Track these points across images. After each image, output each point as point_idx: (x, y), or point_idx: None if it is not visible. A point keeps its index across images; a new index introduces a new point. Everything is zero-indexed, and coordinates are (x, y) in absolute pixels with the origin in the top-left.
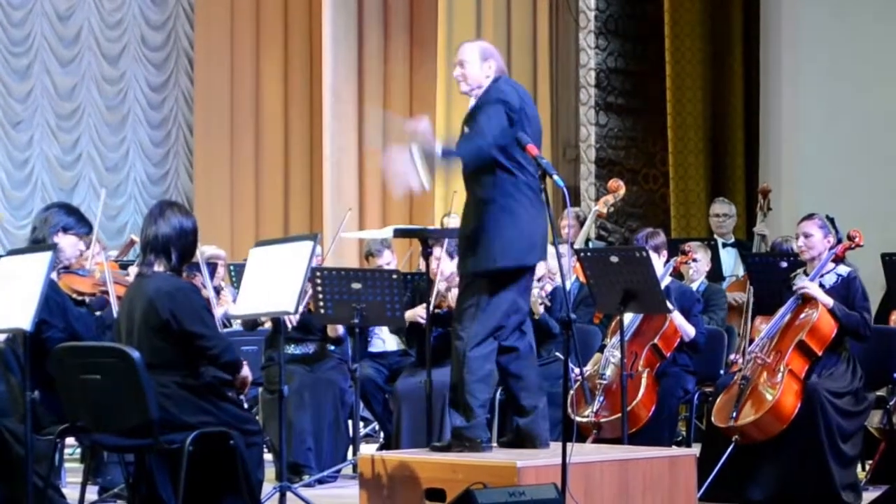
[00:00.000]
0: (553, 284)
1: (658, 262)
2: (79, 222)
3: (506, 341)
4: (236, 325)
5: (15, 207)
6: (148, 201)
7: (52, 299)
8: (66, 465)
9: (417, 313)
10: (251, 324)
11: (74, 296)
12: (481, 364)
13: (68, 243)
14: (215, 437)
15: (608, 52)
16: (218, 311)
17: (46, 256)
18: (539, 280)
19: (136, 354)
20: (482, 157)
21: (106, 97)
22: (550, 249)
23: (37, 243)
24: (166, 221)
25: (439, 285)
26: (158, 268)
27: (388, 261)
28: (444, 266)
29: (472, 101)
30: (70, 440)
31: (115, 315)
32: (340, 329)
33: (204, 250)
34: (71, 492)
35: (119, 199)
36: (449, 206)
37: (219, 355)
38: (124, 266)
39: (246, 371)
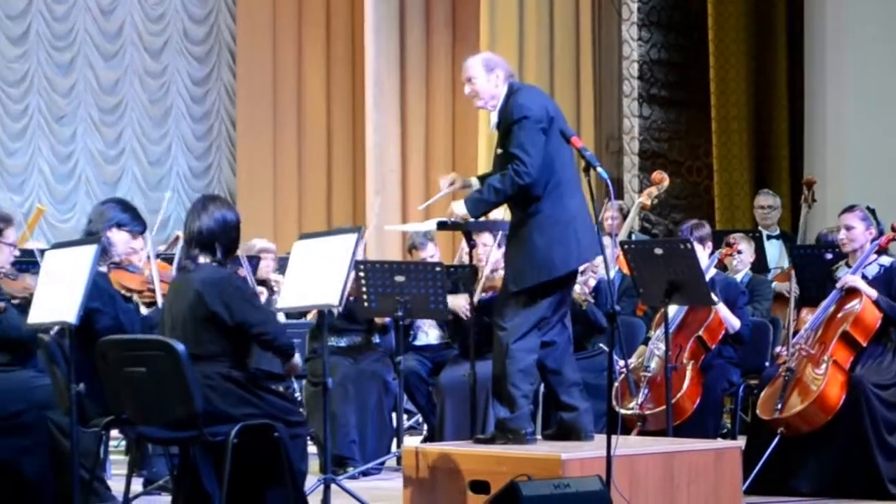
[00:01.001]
0: (596, 278)
1: (703, 253)
2: (133, 220)
3: (546, 336)
4: (280, 318)
5: (59, 201)
6: (191, 195)
7: (104, 289)
8: (111, 457)
9: (460, 304)
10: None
11: (123, 291)
12: (524, 356)
13: (120, 239)
14: (259, 429)
15: (651, 43)
16: None
17: (92, 249)
18: (582, 273)
19: (180, 347)
20: (513, 194)
21: (148, 91)
22: None
23: (90, 235)
24: (209, 215)
25: (486, 269)
26: (202, 261)
27: (431, 254)
28: (493, 254)
29: (492, 115)
30: (115, 432)
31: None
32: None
33: (255, 243)
34: (116, 484)
35: (162, 193)
36: None
37: (274, 339)
38: (168, 259)
39: (297, 359)
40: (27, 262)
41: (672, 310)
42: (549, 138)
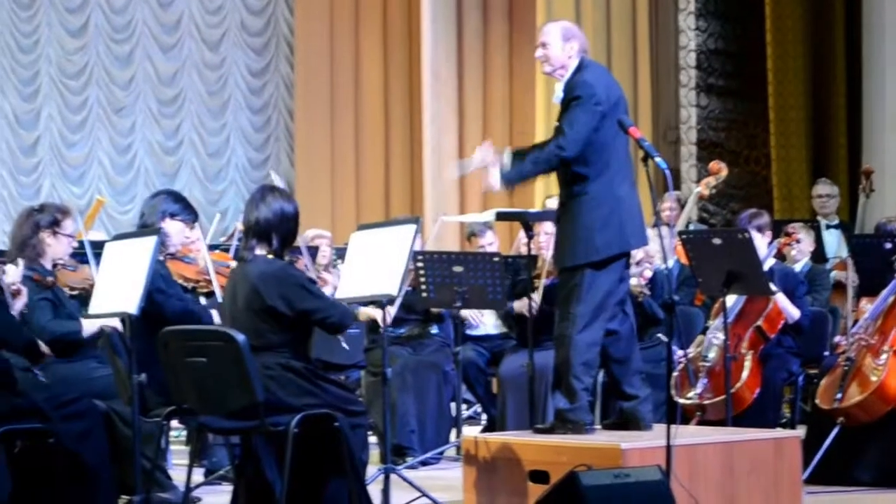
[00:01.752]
0: (653, 269)
1: (762, 242)
2: (185, 209)
3: (608, 324)
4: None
5: (118, 193)
6: (249, 186)
7: (165, 274)
8: (172, 447)
9: (525, 306)
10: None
11: (181, 281)
12: (587, 347)
13: (175, 230)
14: (320, 419)
15: (708, 33)
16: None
17: (152, 241)
18: (638, 264)
19: (240, 337)
20: (552, 170)
21: (207, 83)
22: (649, 232)
23: (143, 228)
24: (267, 206)
25: (548, 256)
26: (260, 252)
27: (490, 241)
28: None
29: (557, 87)
30: (176, 422)
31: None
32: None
33: (308, 233)
34: (177, 473)
35: (220, 185)
36: (550, 188)
37: (336, 322)
38: (225, 250)
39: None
40: (95, 254)
41: (731, 299)
42: (606, 122)
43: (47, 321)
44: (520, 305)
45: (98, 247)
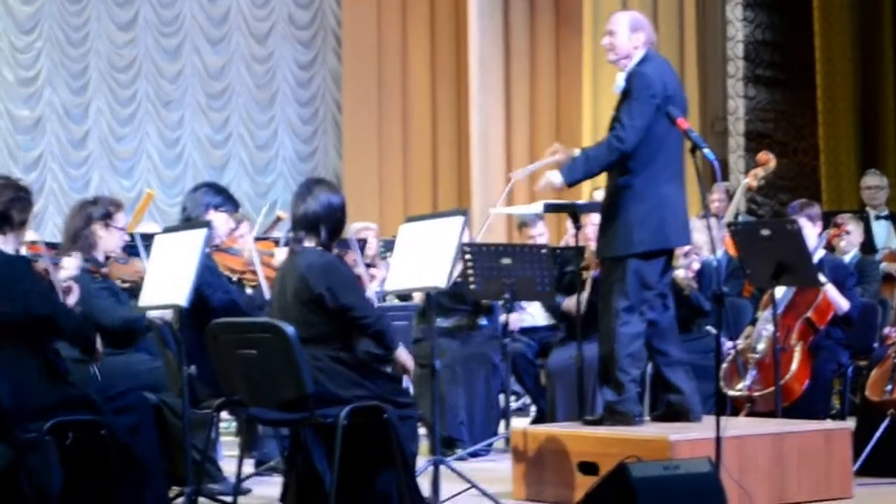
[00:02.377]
0: (700, 260)
1: (813, 231)
2: (227, 200)
3: (648, 315)
4: (390, 300)
5: (167, 186)
6: (297, 179)
7: (212, 268)
8: (222, 438)
9: (572, 305)
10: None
11: (227, 273)
12: (631, 340)
13: (219, 221)
14: (369, 411)
15: (756, 23)
16: (372, 287)
17: (202, 233)
18: (685, 256)
19: (290, 329)
20: (610, 165)
21: (254, 76)
22: (697, 223)
23: (188, 222)
24: (315, 198)
25: (594, 247)
26: (308, 244)
27: (540, 232)
28: None
29: (619, 76)
30: (225, 414)
31: (265, 296)
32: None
33: (354, 225)
34: (227, 465)
35: (268, 177)
36: (597, 179)
37: (370, 325)
38: (276, 243)
39: (404, 354)
40: (145, 246)
41: (780, 291)
42: (660, 116)
43: (113, 306)
44: (568, 304)
45: (148, 239)
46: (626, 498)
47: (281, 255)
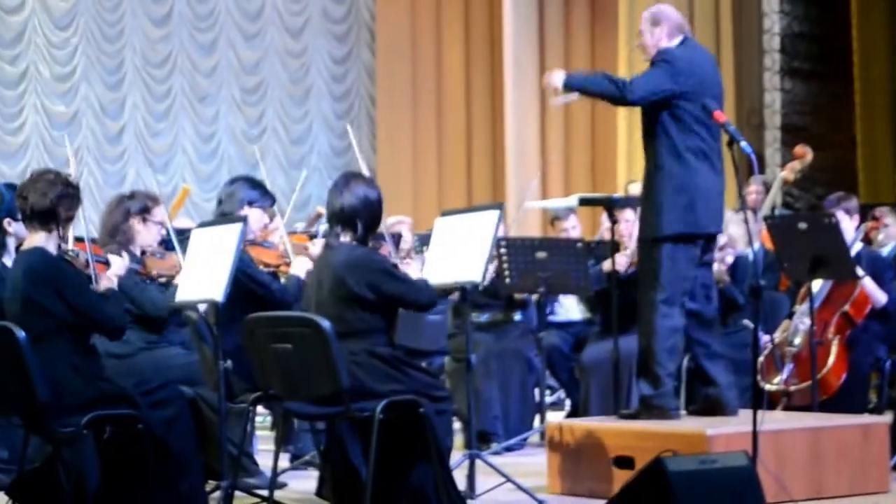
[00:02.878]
0: (734, 254)
1: (849, 224)
2: (263, 196)
3: (691, 305)
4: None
5: (202, 180)
6: (332, 174)
7: (245, 260)
8: (258, 433)
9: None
10: (442, 291)
11: (261, 266)
12: (669, 333)
13: (254, 217)
14: (405, 405)
15: (792, 16)
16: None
17: (238, 228)
18: (721, 249)
19: (326, 324)
20: (613, 101)
21: (289, 71)
22: (733, 216)
23: (223, 216)
24: (351, 192)
25: (630, 244)
26: (345, 238)
27: (573, 225)
28: (636, 230)
29: None
30: (260, 408)
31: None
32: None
33: (388, 220)
34: (263, 459)
35: (302, 172)
36: (632, 173)
37: (425, 301)
38: (312, 237)
39: None
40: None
41: (817, 284)
42: (686, 102)
43: (160, 294)
44: (608, 265)
45: (183, 234)
46: (663, 492)
47: (317, 247)
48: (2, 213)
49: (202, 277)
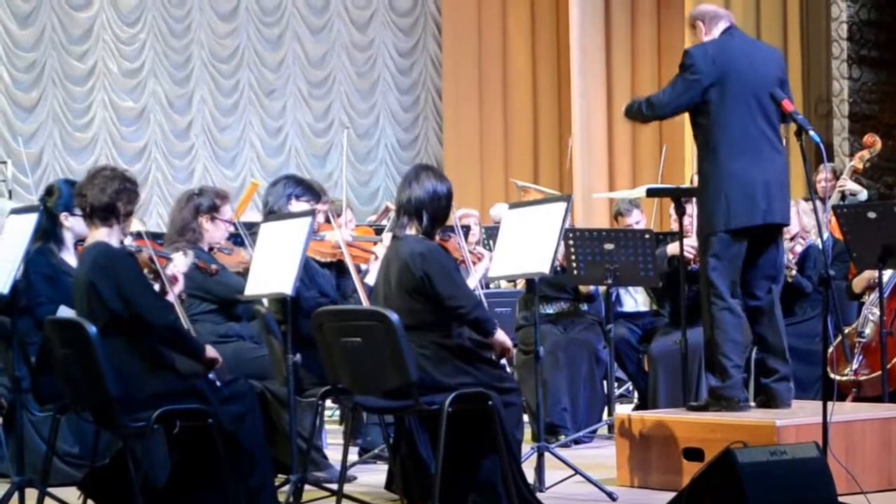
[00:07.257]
0: (804, 244)
1: None
2: (307, 191)
3: (749, 299)
4: (494, 287)
5: (270, 174)
6: (399, 167)
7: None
8: (327, 426)
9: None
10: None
11: (317, 257)
12: (731, 324)
13: (299, 210)
14: (474, 398)
15: (860, 3)
16: (475, 276)
17: (306, 222)
18: (791, 240)
19: (394, 317)
20: (644, 121)
21: (356, 64)
22: (804, 206)
23: (270, 214)
24: (420, 185)
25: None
26: (410, 231)
27: (637, 220)
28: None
29: None
30: (329, 402)
31: (352, 283)
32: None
33: (456, 213)
34: (332, 453)
35: (370, 165)
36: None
37: (468, 313)
38: (378, 231)
39: (501, 336)
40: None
41: (887, 274)
42: (714, 94)
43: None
44: (673, 248)
45: (251, 228)
46: (733, 483)
47: (386, 241)
48: (59, 207)
49: (272, 271)
